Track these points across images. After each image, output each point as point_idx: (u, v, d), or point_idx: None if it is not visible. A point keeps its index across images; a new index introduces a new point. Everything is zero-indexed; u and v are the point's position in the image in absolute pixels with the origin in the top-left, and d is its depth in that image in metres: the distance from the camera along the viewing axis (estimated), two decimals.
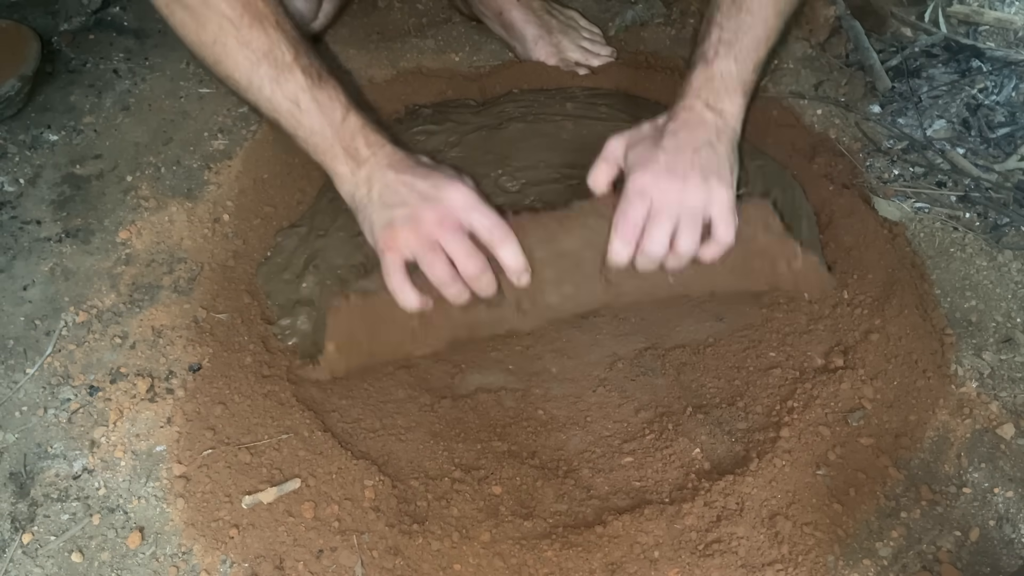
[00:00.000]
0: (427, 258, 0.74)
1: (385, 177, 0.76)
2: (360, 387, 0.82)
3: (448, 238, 0.74)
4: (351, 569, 0.69)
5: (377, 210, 0.75)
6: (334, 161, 0.77)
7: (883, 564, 0.69)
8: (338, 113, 0.76)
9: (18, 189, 0.99)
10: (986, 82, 1.07)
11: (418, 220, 0.74)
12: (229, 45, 0.74)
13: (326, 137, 0.76)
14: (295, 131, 0.77)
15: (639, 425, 0.79)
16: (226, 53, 0.75)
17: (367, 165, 0.76)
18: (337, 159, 0.77)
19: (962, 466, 0.75)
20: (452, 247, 0.74)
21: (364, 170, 0.76)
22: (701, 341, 0.84)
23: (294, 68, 0.75)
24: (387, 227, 0.74)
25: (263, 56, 0.75)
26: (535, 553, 0.69)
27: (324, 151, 0.77)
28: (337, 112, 0.76)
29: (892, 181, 0.98)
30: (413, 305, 0.75)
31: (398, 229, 0.74)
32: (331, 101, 0.76)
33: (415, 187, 0.75)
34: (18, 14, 1.15)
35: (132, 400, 0.80)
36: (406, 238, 0.74)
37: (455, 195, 0.75)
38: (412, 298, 0.75)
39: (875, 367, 0.79)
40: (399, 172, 0.76)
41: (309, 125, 0.76)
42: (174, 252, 0.92)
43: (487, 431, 0.79)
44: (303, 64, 0.76)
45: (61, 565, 0.71)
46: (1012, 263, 0.88)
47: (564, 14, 1.15)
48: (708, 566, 0.68)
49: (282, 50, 0.75)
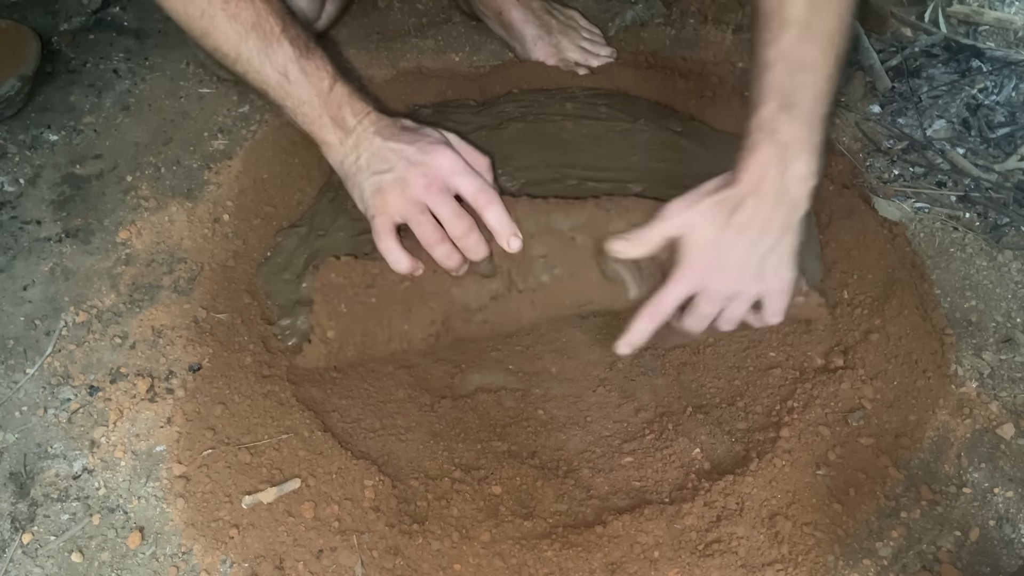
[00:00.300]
0: (416, 219, 0.75)
1: (372, 144, 0.77)
2: (360, 387, 0.82)
3: (435, 200, 0.75)
4: (351, 569, 0.69)
5: (366, 177, 0.77)
6: (322, 130, 0.78)
7: (883, 564, 0.69)
8: (325, 83, 0.77)
9: (18, 189, 0.99)
10: (986, 82, 1.07)
11: (406, 184, 0.75)
12: (217, 17, 0.75)
13: (314, 107, 0.77)
14: (283, 101, 0.78)
15: (639, 425, 0.79)
16: (214, 25, 0.76)
17: (354, 133, 0.77)
18: (325, 128, 0.78)
19: (962, 466, 0.75)
20: (439, 208, 0.75)
21: (352, 138, 0.77)
22: (701, 341, 0.84)
23: (282, 39, 0.76)
24: (376, 192, 0.76)
25: (251, 28, 0.75)
26: (535, 553, 0.69)
27: (312, 121, 0.78)
28: (324, 82, 0.77)
29: (892, 181, 0.98)
30: (403, 266, 0.76)
31: (387, 193, 0.75)
32: (318, 71, 0.77)
33: (403, 153, 0.76)
34: (18, 14, 1.15)
35: (132, 400, 0.80)
36: (395, 201, 0.75)
37: (442, 159, 0.76)
38: (402, 259, 0.76)
39: (875, 367, 0.79)
40: (386, 138, 0.77)
41: (297, 95, 0.77)
42: (174, 252, 0.92)
43: (487, 431, 0.79)
44: (290, 35, 0.76)
45: (61, 565, 0.71)
46: (1012, 263, 0.88)
47: (564, 14, 1.15)
48: (708, 566, 0.68)
49: (270, 22, 0.76)
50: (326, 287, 0.79)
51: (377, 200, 0.76)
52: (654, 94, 1.08)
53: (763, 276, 0.73)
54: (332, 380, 0.82)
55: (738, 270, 0.72)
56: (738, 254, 0.72)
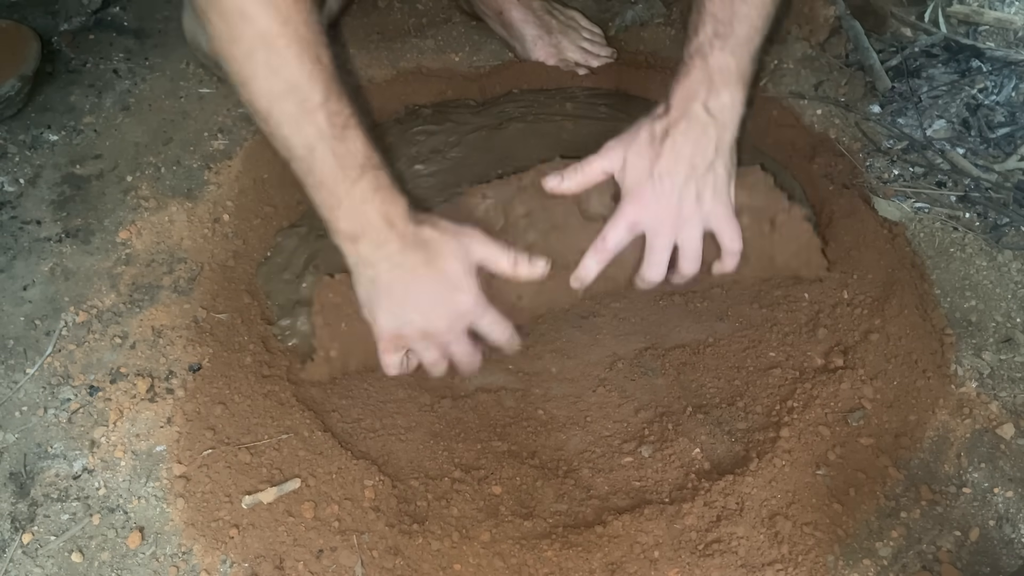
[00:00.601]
0: (428, 359, 0.76)
1: (392, 259, 0.71)
2: (360, 387, 0.82)
3: (455, 347, 0.76)
4: (351, 569, 0.69)
5: (384, 306, 0.72)
6: (337, 221, 0.71)
7: (883, 564, 0.69)
8: (353, 171, 0.69)
9: (18, 189, 0.99)
10: (986, 82, 1.07)
11: (428, 333, 0.74)
12: (258, 68, 0.66)
13: (334, 194, 0.69)
14: (305, 178, 0.70)
15: (639, 425, 0.79)
16: (254, 76, 0.66)
17: (374, 240, 0.71)
18: (341, 220, 0.71)
19: (962, 466, 0.75)
20: (454, 348, 0.76)
21: (368, 244, 0.71)
22: (701, 341, 0.84)
23: (318, 112, 0.67)
24: (394, 331, 0.73)
25: (290, 90, 0.66)
26: (535, 553, 0.69)
27: (330, 208, 0.70)
28: (352, 169, 0.69)
29: (892, 181, 0.98)
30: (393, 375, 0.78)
31: (408, 337, 0.74)
32: (348, 155, 0.69)
33: (427, 289, 0.72)
34: (18, 14, 1.15)
35: (132, 400, 0.80)
36: (412, 343, 0.75)
37: (466, 298, 0.73)
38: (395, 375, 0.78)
39: (875, 367, 0.79)
40: (409, 268, 0.71)
41: (320, 176, 0.69)
42: (174, 252, 0.92)
43: (487, 431, 0.79)
44: (330, 110, 0.67)
45: (61, 565, 0.71)
46: (1012, 263, 0.88)
47: (564, 14, 1.15)
48: (708, 566, 0.68)
49: (313, 88, 0.66)
50: (326, 308, 0.78)
51: (394, 337, 0.74)
52: (654, 94, 1.08)
53: (703, 200, 0.74)
54: (332, 380, 0.82)
55: (678, 196, 0.74)
56: (674, 180, 0.74)
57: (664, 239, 0.76)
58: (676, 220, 0.75)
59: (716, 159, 0.75)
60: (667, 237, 0.76)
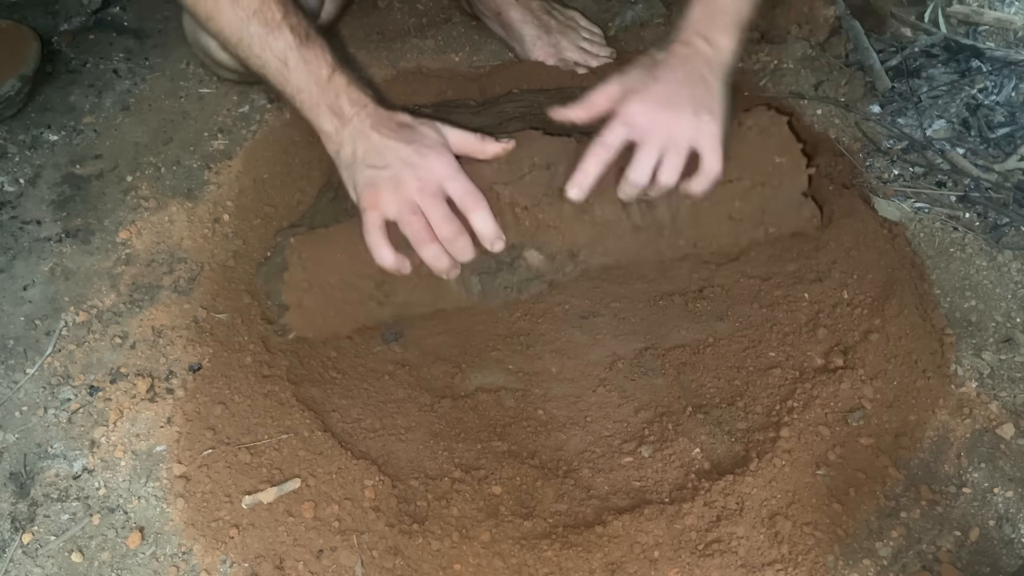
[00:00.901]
0: (406, 219, 0.77)
1: (369, 137, 0.78)
2: (360, 387, 0.82)
3: (427, 202, 0.77)
4: (351, 569, 0.69)
5: (361, 169, 0.78)
6: (320, 119, 0.79)
7: (883, 564, 0.69)
8: (324, 71, 0.78)
9: (18, 189, 0.99)
10: (986, 82, 1.07)
11: (400, 183, 0.76)
12: (220, 2, 0.77)
13: (312, 95, 0.78)
14: (283, 88, 0.79)
15: (639, 425, 0.79)
16: (217, 9, 0.77)
17: (351, 124, 0.78)
18: (322, 116, 0.78)
19: (962, 466, 0.75)
20: (430, 211, 0.77)
21: (348, 128, 0.78)
22: (701, 341, 0.84)
23: (283, 26, 0.77)
24: (370, 186, 0.77)
25: (253, 14, 0.76)
26: (535, 553, 0.69)
27: (310, 108, 0.78)
28: (323, 70, 0.78)
29: (892, 181, 0.98)
30: (389, 262, 0.78)
31: (381, 190, 0.76)
32: (318, 59, 0.78)
33: (399, 152, 0.77)
34: (18, 14, 1.15)
35: (132, 400, 0.80)
36: (388, 198, 0.76)
37: (436, 163, 0.77)
38: (388, 255, 0.77)
39: (875, 367, 0.79)
40: (383, 134, 0.78)
41: (296, 83, 0.78)
42: (174, 252, 0.92)
43: (487, 431, 0.79)
44: (291, 23, 0.77)
45: (61, 565, 0.71)
46: (1012, 263, 0.88)
47: (564, 14, 1.15)
48: (708, 566, 0.68)
49: (272, 9, 0.77)
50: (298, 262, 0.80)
51: (370, 195, 0.77)
52: None
53: (699, 114, 0.78)
54: (332, 380, 0.82)
55: (675, 109, 0.78)
56: (668, 94, 0.78)
57: (652, 148, 0.78)
58: (670, 126, 0.78)
59: (712, 79, 0.80)
60: (657, 141, 0.78)
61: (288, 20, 0.77)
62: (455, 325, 0.86)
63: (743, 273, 0.88)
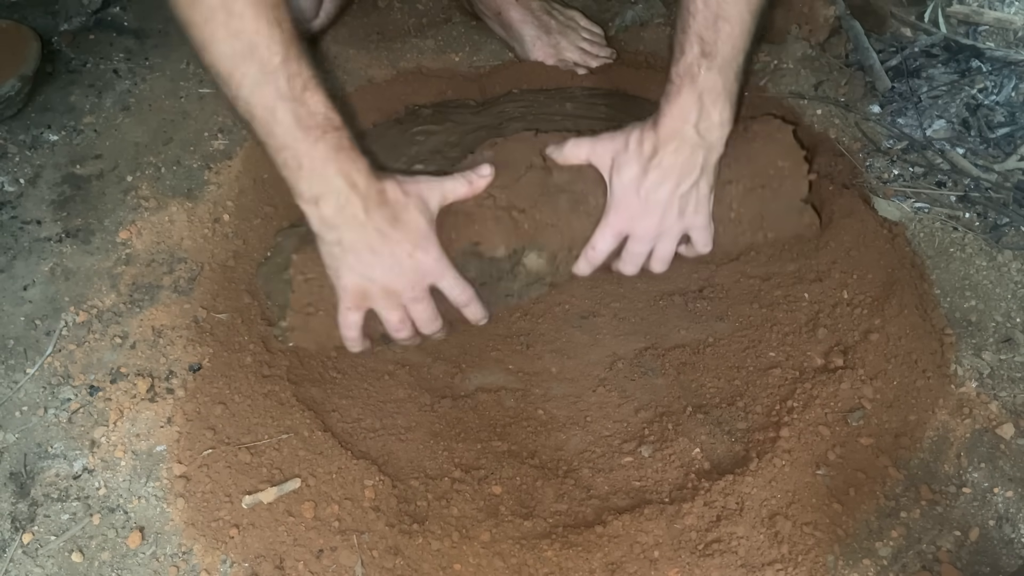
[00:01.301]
0: (395, 327, 0.78)
1: (359, 229, 0.72)
2: (360, 387, 0.82)
3: (416, 307, 0.78)
4: (351, 569, 0.69)
5: (347, 260, 0.74)
6: (299, 182, 0.71)
7: (883, 564, 0.69)
8: (313, 132, 0.69)
9: (18, 189, 0.99)
10: (986, 82, 1.07)
11: (392, 292, 0.76)
12: (217, 31, 0.67)
13: (295, 154, 0.70)
14: (266, 140, 0.71)
15: (639, 425, 0.79)
16: (213, 39, 0.67)
17: (336, 201, 0.71)
18: (302, 181, 0.71)
19: (962, 466, 0.75)
20: (417, 313, 0.78)
21: (330, 206, 0.71)
22: (701, 341, 0.84)
23: (279, 73, 0.67)
24: (358, 288, 0.75)
25: (250, 52, 0.67)
26: (535, 553, 0.69)
27: (291, 169, 0.71)
28: (312, 131, 0.69)
29: (892, 181, 0.98)
30: (356, 349, 0.80)
31: (371, 296, 0.76)
32: (309, 116, 0.69)
33: (390, 249, 0.73)
34: (18, 14, 1.15)
35: (132, 400, 0.80)
36: (375, 302, 0.77)
37: (425, 263, 0.75)
38: (358, 345, 0.80)
39: (875, 367, 0.79)
40: (374, 227, 0.72)
41: (281, 138, 0.70)
42: (174, 252, 0.92)
43: (487, 431, 0.79)
44: (290, 71, 0.68)
45: (61, 565, 0.71)
46: (1012, 263, 0.88)
47: (564, 14, 1.15)
48: (708, 566, 0.68)
49: (272, 50, 0.67)
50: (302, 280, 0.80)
51: (357, 295, 0.76)
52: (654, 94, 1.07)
53: (684, 214, 0.80)
54: (332, 380, 0.82)
55: (662, 212, 0.79)
56: (660, 197, 0.78)
57: (643, 246, 0.82)
58: (657, 231, 0.81)
59: (701, 178, 0.79)
60: (646, 244, 0.82)
61: (287, 66, 0.68)
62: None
63: (743, 273, 0.88)
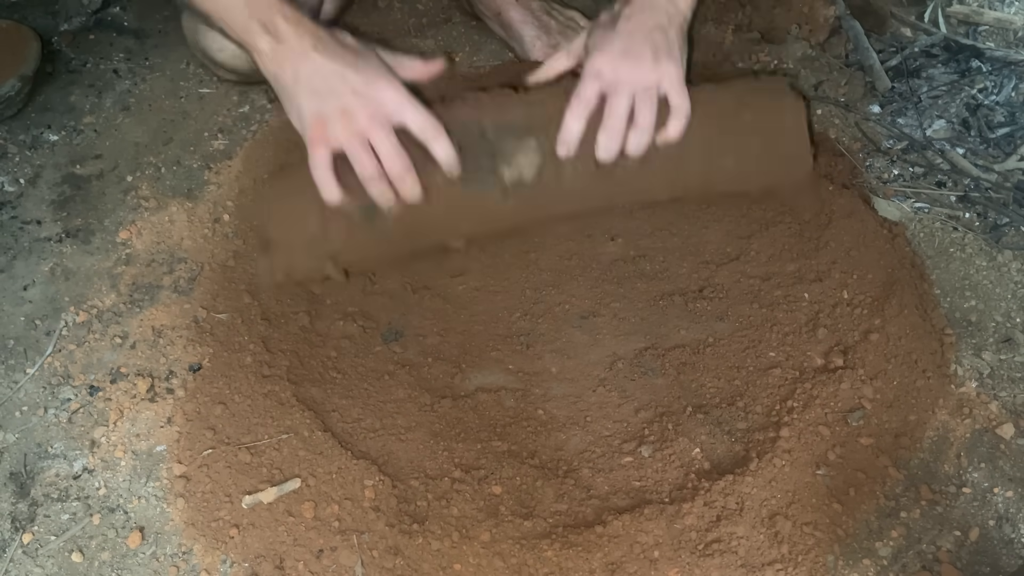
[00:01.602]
0: (355, 153, 0.74)
1: (312, 60, 0.73)
2: (360, 387, 0.82)
3: (377, 135, 0.74)
4: (351, 569, 0.69)
5: (306, 96, 0.74)
6: (252, 36, 0.73)
7: (883, 564, 0.69)
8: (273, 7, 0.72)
9: (18, 189, 0.99)
10: (986, 82, 1.07)
11: (350, 115, 0.73)
12: None
13: (241, 11, 0.73)
14: (212, 8, 0.74)
15: (639, 425, 0.79)
16: None
17: (288, 42, 0.73)
18: (254, 34, 0.73)
19: (962, 466, 0.75)
20: (380, 144, 0.74)
21: (285, 47, 0.73)
22: (701, 341, 0.84)
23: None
24: (317, 117, 0.74)
25: None
26: (535, 553, 0.69)
27: (241, 27, 0.73)
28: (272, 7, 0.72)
29: (892, 181, 0.98)
30: (334, 198, 0.76)
31: (328, 121, 0.74)
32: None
33: (347, 78, 0.74)
34: (18, 14, 1.15)
35: (132, 400, 0.80)
36: (336, 131, 0.74)
37: (387, 91, 0.74)
38: (334, 191, 0.75)
39: (875, 367, 0.79)
40: (327, 58, 0.74)
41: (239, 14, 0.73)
42: (174, 252, 0.92)
43: (487, 431, 0.79)
44: None
45: (61, 565, 0.71)
46: (1012, 263, 0.88)
47: (564, 14, 1.15)
48: (708, 566, 0.68)
49: None
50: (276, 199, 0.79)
51: (317, 126, 0.74)
52: None
53: (659, 59, 0.80)
54: (332, 380, 0.82)
55: (635, 58, 0.79)
56: (628, 45, 0.80)
57: (622, 98, 0.79)
58: (634, 72, 0.79)
59: (669, 28, 0.81)
60: (625, 97, 0.79)
61: None
62: (455, 325, 0.86)
63: (743, 273, 0.88)
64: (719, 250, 0.90)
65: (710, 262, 0.89)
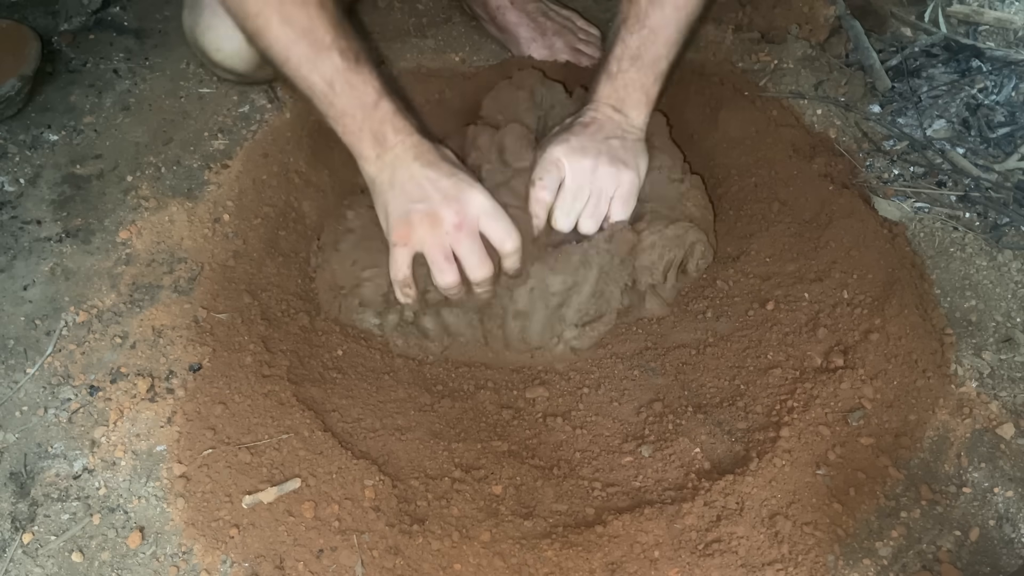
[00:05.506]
0: (438, 262, 0.77)
1: (409, 167, 0.77)
2: (360, 387, 0.82)
3: (464, 244, 0.77)
4: (351, 569, 0.69)
5: (396, 198, 0.77)
6: (361, 143, 0.78)
7: (883, 564, 0.69)
8: (370, 97, 0.77)
9: (18, 189, 0.99)
10: (986, 82, 1.07)
11: (437, 219, 0.76)
12: (271, 20, 0.75)
13: (356, 119, 0.77)
14: (327, 111, 0.78)
15: (639, 425, 0.79)
16: (267, 27, 0.75)
17: (393, 151, 0.78)
18: (364, 142, 0.78)
19: (962, 466, 0.75)
20: (466, 255, 0.77)
21: (389, 155, 0.78)
22: (701, 341, 0.84)
23: (332, 50, 0.75)
24: (403, 219, 0.77)
25: (302, 35, 0.75)
26: (535, 553, 0.69)
27: (352, 132, 0.78)
28: (370, 96, 0.77)
29: (892, 181, 0.98)
30: (408, 301, 0.81)
31: (415, 225, 0.76)
32: (365, 84, 0.77)
33: (438, 184, 0.77)
34: (18, 14, 1.15)
35: (132, 400, 0.80)
36: (422, 235, 0.76)
37: (475, 199, 0.77)
38: (410, 296, 0.81)
39: (875, 367, 0.79)
40: (424, 165, 0.77)
41: (341, 107, 0.77)
42: (174, 252, 0.92)
43: (487, 431, 0.79)
44: (341, 46, 0.76)
45: (61, 565, 0.71)
46: (1012, 263, 0.88)
47: (561, 15, 1.15)
48: (708, 566, 0.68)
49: (322, 31, 0.75)
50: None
51: (403, 227, 0.77)
52: None
53: (615, 169, 0.82)
54: (332, 380, 0.82)
55: (593, 157, 0.82)
56: (589, 146, 0.82)
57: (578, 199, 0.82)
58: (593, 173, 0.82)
59: (625, 138, 0.83)
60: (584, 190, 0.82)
61: (338, 43, 0.76)
62: None
63: (743, 273, 0.88)
64: (719, 250, 0.90)
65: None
